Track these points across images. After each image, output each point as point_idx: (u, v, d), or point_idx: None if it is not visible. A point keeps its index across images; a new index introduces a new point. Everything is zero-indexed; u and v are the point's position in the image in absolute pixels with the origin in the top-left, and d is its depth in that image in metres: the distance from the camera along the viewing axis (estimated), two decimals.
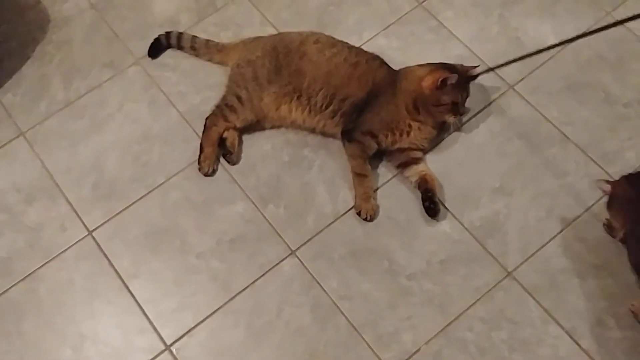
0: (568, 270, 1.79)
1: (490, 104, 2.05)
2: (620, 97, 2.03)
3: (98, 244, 1.89)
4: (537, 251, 1.82)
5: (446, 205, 1.90)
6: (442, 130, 1.98)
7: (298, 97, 1.95)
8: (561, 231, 1.84)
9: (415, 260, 1.83)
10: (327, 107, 1.94)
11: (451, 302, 1.77)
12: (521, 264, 1.80)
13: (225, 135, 1.99)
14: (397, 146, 1.94)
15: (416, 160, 1.93)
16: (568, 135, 1.98)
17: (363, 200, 1.88)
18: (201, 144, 1.98)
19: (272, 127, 2.03)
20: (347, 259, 1.84)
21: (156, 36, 2.18)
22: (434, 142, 1.99)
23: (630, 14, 2.17)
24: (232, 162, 1.99)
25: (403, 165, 1.94)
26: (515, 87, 2.07)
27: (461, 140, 2.00)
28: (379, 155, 1.97)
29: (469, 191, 1.91)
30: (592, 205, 1.87)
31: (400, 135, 1.93)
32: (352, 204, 1.91)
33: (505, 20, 2.19)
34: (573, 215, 1.86)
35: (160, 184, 1.97)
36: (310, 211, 1.91)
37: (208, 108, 2.03)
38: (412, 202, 1.91)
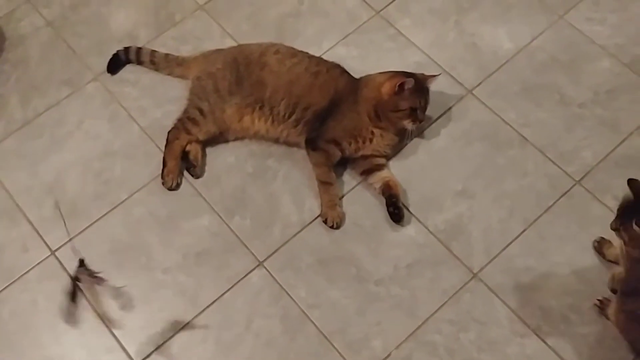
0: (531, 269, 1.82)
1: (449, 108, 2.08)
2: (575, 98, 2.08)
3: (61, 264, 1.86)
4: (501, 252, 1.85)
5: (410, 210, 1.92)
6: (404, 137, 2.00)
7: (260, 108, 1.96)
8: (523, 231, 1.87)
9: (382, 265, 1.84)
10: (289, 117, 1.95)
11: (419, 306, 1.78)
12: (486, 265, 1.83)
13: (188, 148, 1.98)
14: (360, 153, 1.96)
15: (379, 167, 1.95)
16: (526, 137, 2.02)
17: (329, 208, 1.89)
18: (164, 158, 1.97)
19: (236, 139, 2.03)
20: (315, 267, 1.84)
21: (115, 52, 2.17)
22: (397, 149, 2.01)
23: (582, 17, 2.25)
24: (196, 176, 1.98)
25: (367, 172, 1.95)
26: (474, 92, 2.11)
27: (423, 145, 2.02)
28: (343, 163, 1.98)
29: (432, 195, 1.94)
30: (553, 204, 1.90)
31: (363, 142, 1.95)
32: (318, 212, 1.91)
33: (461, 27, 2.23)
34: (534, 215, 1.89)
35: (124, 200, 1.95)
36: (277, 221, 1.91)
37: (170, 122, 2.02)
38: (377, 208, 1.92)
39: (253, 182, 1.97)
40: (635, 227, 1.42)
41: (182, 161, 1.98)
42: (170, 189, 1.95)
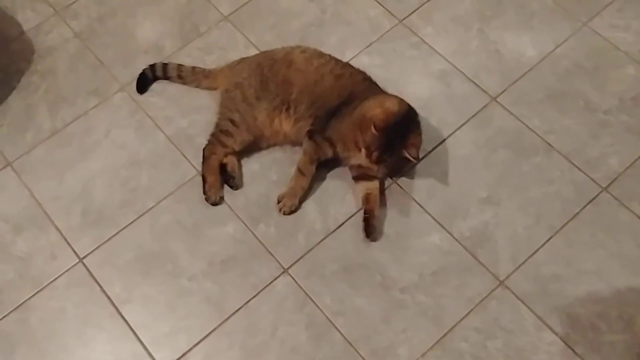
0: (559, 277, 1.80)
1: (474, 116, 2.08)
2: (599, 105, 2.07)
3: (89, 271, 1.88)
4: (527, 259, 1.83)
5: (435, 217, 1.91)
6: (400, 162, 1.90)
7: (287, 110, 1.96)
8: (550, 238, 1.86)
9: (407, 273, 1.83)
10: (308, 113, 1.94)
11: (445, 314, 1.77)
12: (512, 272, 1.82)
13: (224, 161, 1.98)
14: (351, 162, 1.95)
15: (370, 177, 1.92)
16: (551, 144, 2.01)
17: (289, 196, 1.91)
18: (203, 175, 1.97)
19: (268, 146, 2.03)
20: (340, 274, 1.84)
21: (141, 69, 2.17)
22: (394, 170, 1.96)
23: (606, 24, 2.24)
24: (236, 187, 1.97)
25: (357, 179, 1.94)
26: (498, 99, 2.10)
27: (447, 152, 2.02)
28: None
29: (457, 202, 1.93)
30: (579, 211, 1.89)
31: (354, 153, 1.90)
32: (342, 220, 1.91)
33: (484, 35, 2.24)
34: (561, 222, 1.88)
35: (150, 209, 1.97)
36: (301, 229, 1.91)
37: (195, 131, 2.04)
38: (400, 216, 1.92)
39: (277, 189, 1.97)
40: None
41: (220, 175, 1.98)
42: (214, 204, 1.95)
